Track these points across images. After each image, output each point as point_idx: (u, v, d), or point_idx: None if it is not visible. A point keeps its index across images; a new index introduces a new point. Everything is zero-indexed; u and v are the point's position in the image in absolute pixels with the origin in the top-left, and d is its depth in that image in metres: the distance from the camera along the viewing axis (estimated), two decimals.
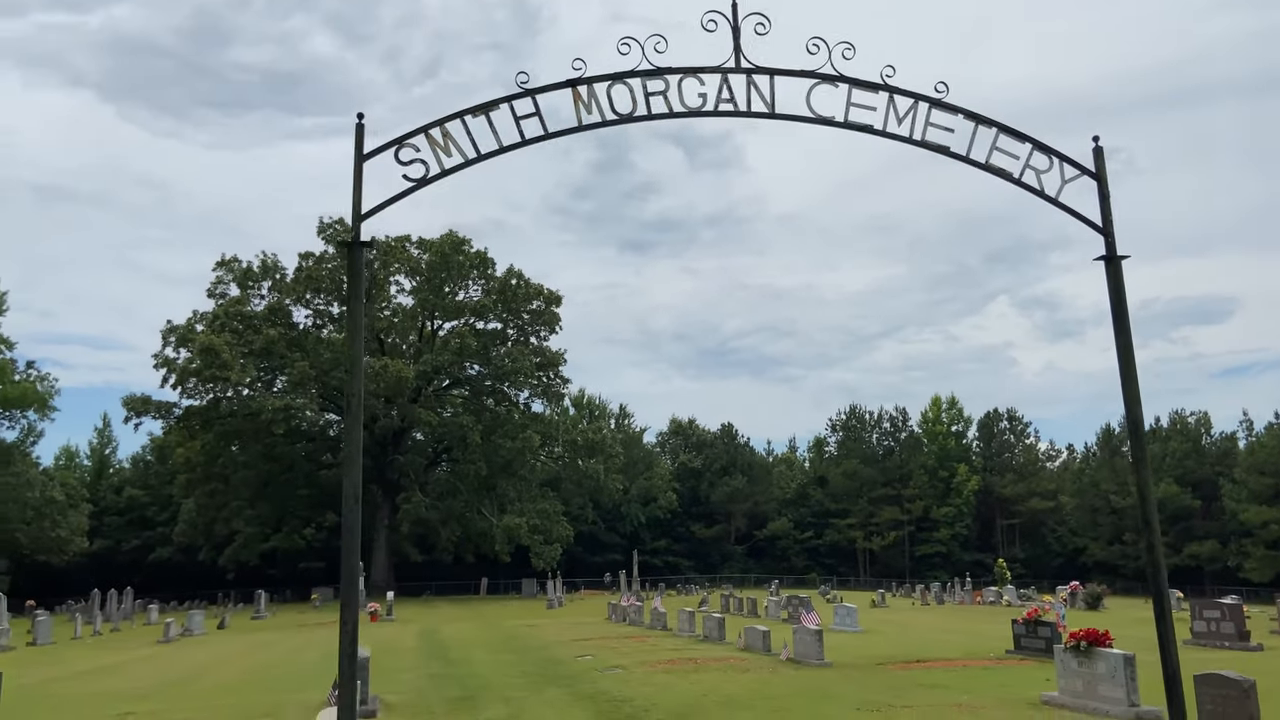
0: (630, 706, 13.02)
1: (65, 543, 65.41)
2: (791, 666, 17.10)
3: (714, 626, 22.45)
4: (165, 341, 55.67)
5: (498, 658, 20.52)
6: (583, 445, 62.23)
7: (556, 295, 61.30)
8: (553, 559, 55.34)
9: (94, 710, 13.86)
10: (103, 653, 27.15)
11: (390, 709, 13.06)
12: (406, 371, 52.42)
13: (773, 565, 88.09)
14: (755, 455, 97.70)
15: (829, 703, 13.06)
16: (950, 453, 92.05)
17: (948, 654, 19.75)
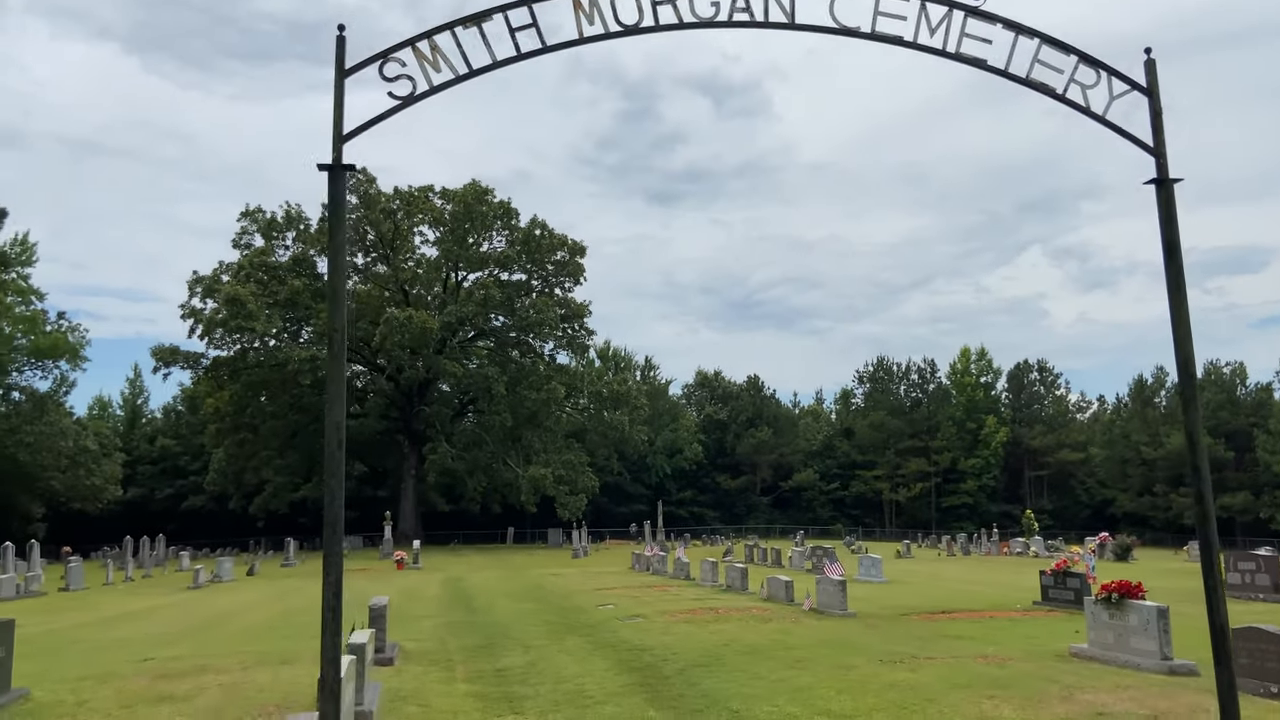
0: (650, 655, 12.87)
1: (99, 491, 66.55)
2: (814, 617, 16.91)
3: (737, 577, 22.32)
4: (192, 292, 55.97)
5: (520, 606, 20.51)
6: (608, 397, 62.18)
7: (580, 246, 60.81)
8: (578, 509, 55.58)
9: (118, 655, 13.92)
10: (133, 598, 27.55)
11: (408, 656, 13.00)
12: (431, 323, 52.35)
13: (798, 516, 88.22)
14: (781, 407, 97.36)
15: (851, 654, 12.83)
16: (979, 404, 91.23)
17: (973, 605, 19.49)
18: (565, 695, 10.34)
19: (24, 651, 15.05)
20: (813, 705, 9.57)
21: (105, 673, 11.76)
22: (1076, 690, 10.16)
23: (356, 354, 60.30)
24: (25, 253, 68.11)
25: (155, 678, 11.33)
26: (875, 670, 11.53)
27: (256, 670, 11.72)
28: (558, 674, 11.68)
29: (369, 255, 61.77)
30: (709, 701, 9.87)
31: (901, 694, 10.03)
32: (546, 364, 62.23)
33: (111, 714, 9.42)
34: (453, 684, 11.12)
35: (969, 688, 10.33)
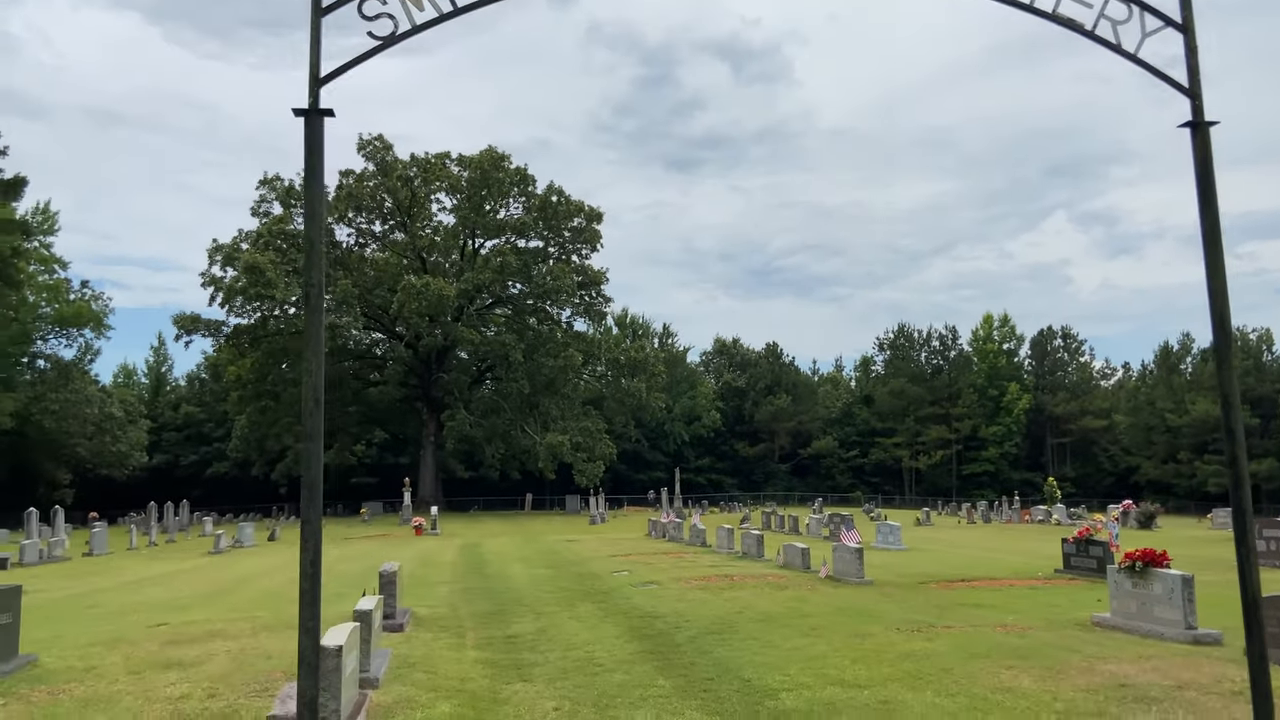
0: (662, 623, 12.74)
1: (125, 457, 67.40)
2: (830, 584, 16.73)
3: (752, 543, 22.17)
4: (212, 260, 56.14)
5: (534, 572, 20.47)
6: (625, 364, 62.08)
7: (597, 212, 60.40)
8: (595, 476, 55.69)
9: (132, 620, 13.95)
10: (154, 563, 27.79)
11: (419, 622, 12.93)
12: (448, 290, 52.27)
13: (817, 484, 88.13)
14: (800, 374, 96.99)
15: (867, 622, 12.64)
16: (1001, 371, 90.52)
17: (993, 573, 19.25)
18: (574, 663, 10.21)
19: (39, 617, 15.14)
20: (825, 674, 9.39)
21: (117, 638, 11.75)
22: (1098, 660, 9.92)
23: (375, 321, 60.42)
24: (47, 221, 68.56)
25: (165, 643, 11.30)
26: (891, 639, 11.33)
27: (267, 636, 11.68)
28: (568, 641, 11.56)
29: (386, 223, 61.68)
30: (720, 670, 9.71)
31: (917, 663, 9.83)
32: (564, 331, 62.14)
33: (118, 680, 9.37)
34: (462, 650, 11.03)
35: (987, 657, 10.11)
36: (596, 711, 8.11)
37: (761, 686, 8.92)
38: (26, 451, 64.63)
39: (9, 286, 58.80)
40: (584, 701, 8.47)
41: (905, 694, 8.56)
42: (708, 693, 8.73)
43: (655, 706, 8.24)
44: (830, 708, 8.11)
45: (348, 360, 61.70)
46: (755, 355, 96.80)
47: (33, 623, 14.35)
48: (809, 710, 8.04)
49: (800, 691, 8.70)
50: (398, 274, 56.40)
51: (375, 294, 56.91)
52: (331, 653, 6.96)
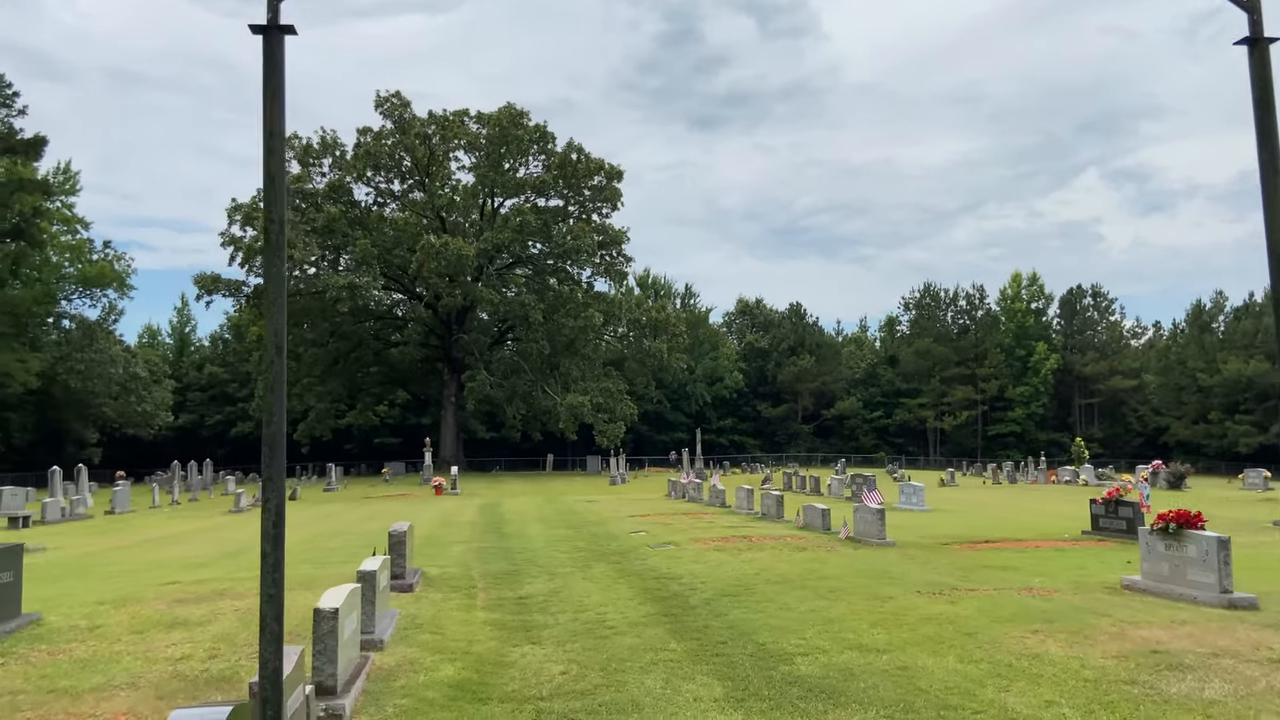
0: (677, 584, 12.46)
1: (150, 417, 68.02)
2: (851, 546, 16.41)
3: (772, 504, 21.85)
4: (231, 220, 55.98)
5: (552, 532, 20.28)
6: (646, 324, 61.60)
7: (618, 170, 59.58)
8: (616, 437, 55.52)
9: (145, 579, 13.86)
10: (175, 522, 27.94)
11: (431, 582, 12.73)
12: (468, 250, 51.85)
13: (840, 445, 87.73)
14: (824, 335, 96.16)
15: (888, 584, 12.30)
16: (1029, 330, 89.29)
17: (1019, 534, 18.84)
18: (585, 625, 9.96)
19: (53, 574, 15.13)
20: (843, 639, 9.07)
21: (126, 596, 11.62)
22: (1129, 625, 9.54)
23: (395, 282, 60.22)
24: (68, 181, 68.75)
25: (174, 602, 11.16)
26: (912, 602, 11.00)
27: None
28: (580, 603, 11.31)
29: (405, 182, 61.21)
30: (734, 633, 9.42)
31: (939, 627, 9.49)
32: (584, 291, 61.65)
33: (121, 639, 9.22)
34: (472, 611, 10.81)
35: (1013, 621, 9.76)
36: (604, 675, 7.84)
37: (776, 651, 8.63)
38: (54, 411, 65.35)
39: (32, 246, 59.14)
40: (592, 665, 8.21)
41: (926, 659, 8.23)
42: (720, 657, 8.44)
43: (665, 671, 7.96)
44: (847, 673, 7.80)
45: (368, 321, 61.64)
46: (778, 315, 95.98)
47: (45, 580, 14.34)
48: (824, 676, 7.73)
49: (816, 656, 8.39)
50: (417, 234, 56.00)
51: (394, 254, 56.60)
52: (327, 615, 6.71)
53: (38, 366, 60.07)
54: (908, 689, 7.33)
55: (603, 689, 7.46)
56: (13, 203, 57.60)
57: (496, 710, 6.93)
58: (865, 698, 7.10)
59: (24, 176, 59.51)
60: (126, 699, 7.25)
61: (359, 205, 59.91)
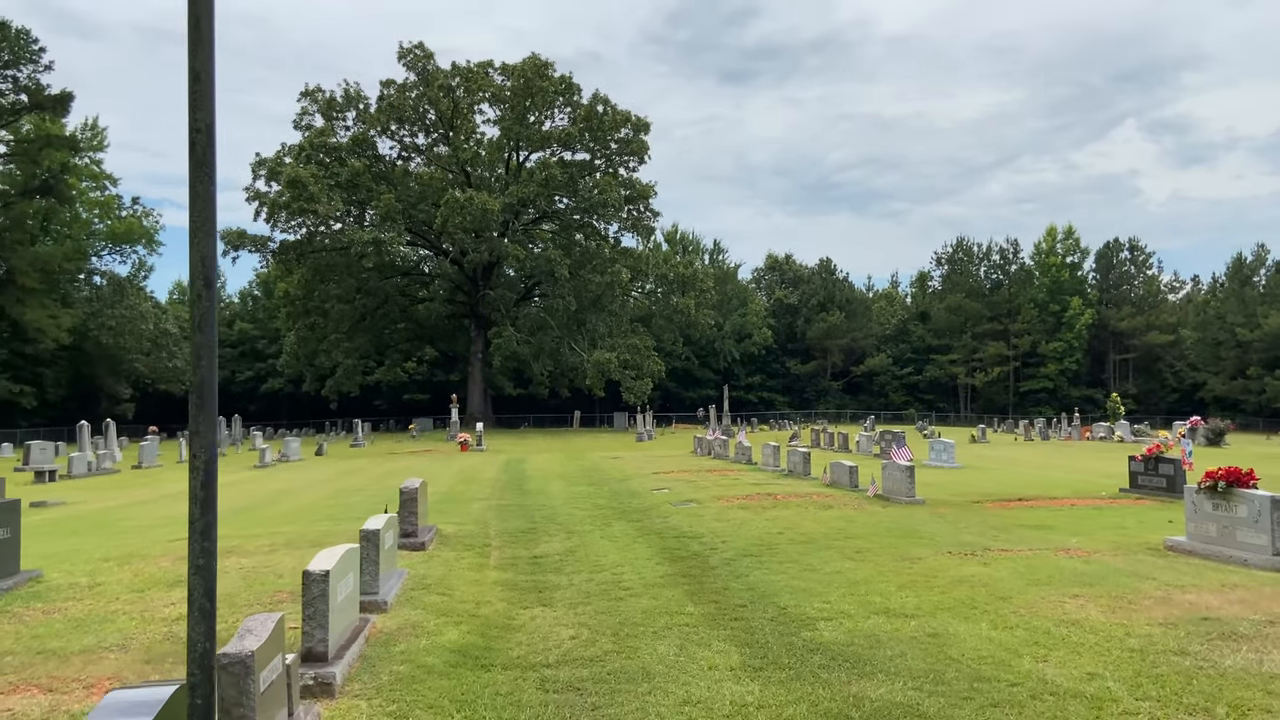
0: (697, 544, 12.03)
1: (181, 373, 68.55)
2: (879, 504, 15.89)
3: (799, 461, 21.34)
4: (255, 175, 55.77)
5: (573, 489, 19.94)
6: (674, 280, 60.87)
7: (644, 122, 58.50)
8: (643, 393, 55.12)
9: (156, 534, 13.67)
10: None
11: (445, 541, 12.39)
12: (492, 204, 51.23)
13: (870, 401, 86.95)
14: (854, 291, 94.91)
15: (916, 544, 11.79)
16: (1063, 285, 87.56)
17: (1054, 492, 18.21)
18: (599, 586, 9.55)
19: (66, 529, 14.99)
20: (869, 602, 8.59)
21: (132, 553, 11.39)
22: (1175, 589, 8.97)
23: (420, 237, 59.84)
24: (96, 137, 68.79)
25: (179, 559, 10.88)
26: (942, 563, 10.48)
27: (283, 553, 11.22)
28: (596, 562, 10.91)
29: (430, 135, 60.54)
30: (755, 595, 8.97)
31: (971, 590, 8.98)
32: (611, 247, 60.95)
33: (119, 598, 8.94)
34: (484, 571, 10.44)
35: (1049, 585, 9.22)
36: (615, 641, 7.43)
37: (798, 615, 8.17)
38: (87, 366, 66.08)
39: (60, 202, 59.30)
40: (603, 630, 7.79)
41: (957, 625, 7.74)
42: (739, 621, 7.99)
43: (679, 636, 7.53)
44: (873, 640, 7.33)
45: (395, 277, 61.40)
46: (808, 271, 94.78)
47: (58, 534, 14.21)
48: (848, 643, 7.26)
49: (840, 621, 7.92)
50: (442, 188, 55.45)
51: (419, 209, 56.15)
52: (316, 578, 6.32)
53: (69, 322, 60.62)
54: (938, 658, 6.85)
55: (613, 655, 7.05)
56: (41, 158, 57.76)
57: (499, 678, 6.53)
58: (892, 667, 6.63)
59: (51, 132, 59.57)
60: (114, 662, 6.94)
61: (383, 159, 59.41)
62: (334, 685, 6.03)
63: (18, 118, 59.15)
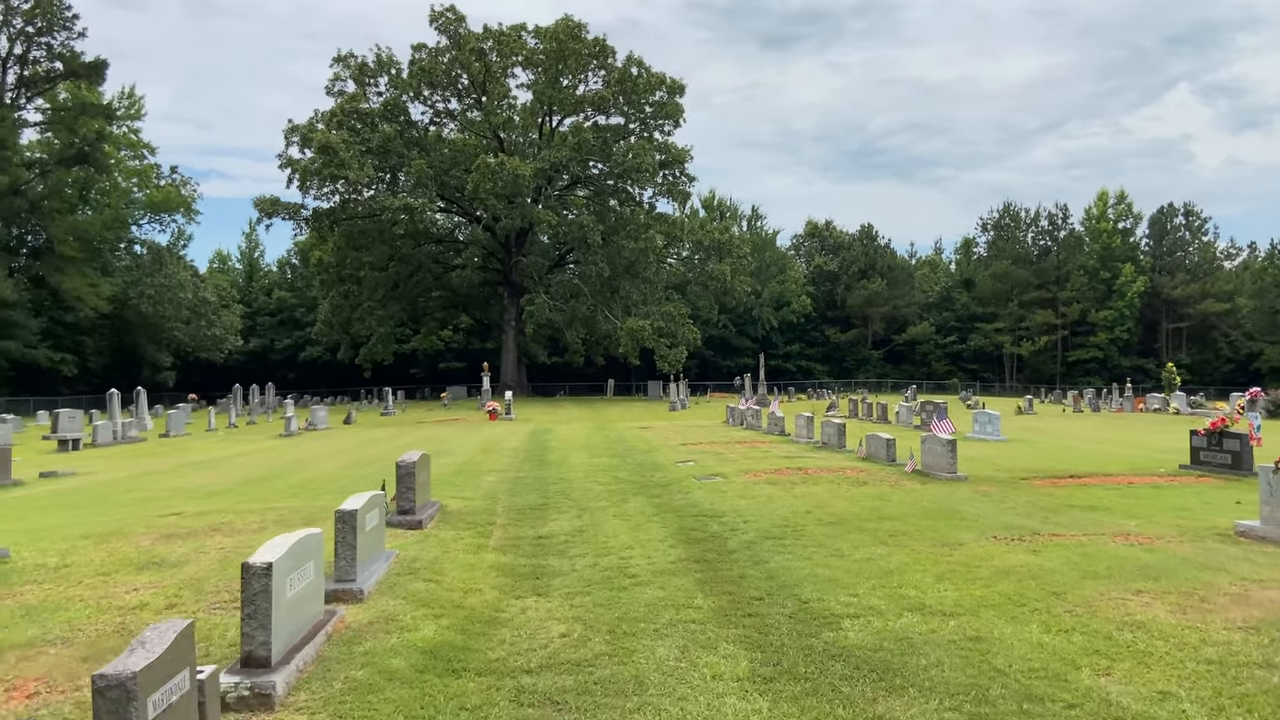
0: (717, 524, 11.12)
1: (220, 341, 68.89)
2: (917, 480, 14.84)
3: (833, 433, 20.29)
4: (289, 141, 55.29)
5: (595, 460, 19.11)
6: (710, 246, 59.53)
7: (679, 84, 57.00)
8: (678, 362, 54.09)
9: (150, 508, 13.08)
10: (223, 446, 27.59)
11: (448, 518, 11.61)
12: (524, 169, 50.22)
13: (911, 371, 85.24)
14: (896, 258, 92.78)
15: (957, 526, 10.78)
16: (1115, 252, 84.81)
17: (1107, 469, 17.00)
18: (603, 573, 8.69)
19: (65, 502, 14.46)
20: (902, 596, 7.63)
21: (115, 530, 10.74)
22: (1254, 585, 7.89)
23: (453, 204, 59.11)
24: (133, 105, 68.78)
25: (162, 537, 10.22)
26: (986, 549, 9.47)
27: (273, 531, 10.46)
28: (604, 544, 10.06)
29: (463, 101, 59.59)
30: (774, 586, 8.05)
31: (1019, 584, 7.97)
32: (645, 212, 59.76)
33: (83, 581, 8.26)
34: (481, 553, 9.63)
35: (1108, 577, 8.19)
36: (610, 641, 6.56)
37: (821, 611, 7.24)
38: (129, 335, 66.57)
39: (97, 170, 59.37)
40: (599, 626, 6.94)
41: (1003, 627, 6.76)
42: (753, 618, 7.09)
43: (683, 636, 6.65)
44: (905, 644, 6.39)
45: (428, 244, 60.82)
46: (849, 238, 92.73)
47: (52, 508, 13.67)
48: (876, 647, 6.33)
49: (868, 619, 6.98)
50: (474, 154, 54.56)
51: (451, 175, 55.34)
52: (257, 572, 5.50)
53: (109, 291, 60.93)
54: (981, 669, 5.89)
55: (604, 659, 6.18)
56: (78, 126, 57.77)
57: (469, 687, 5.69)
58: (926, 680, 5.69)
59: (88, 100, 59.58)
60: (50, 659, 6.21)
61: (415, 125, 58.63)
62: (273, 697, 5.22)
63: (53, 85, 59.23)
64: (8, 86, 56.63)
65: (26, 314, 57.27)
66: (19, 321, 55.79)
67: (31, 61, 57.11)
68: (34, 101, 59.79)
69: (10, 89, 56.91)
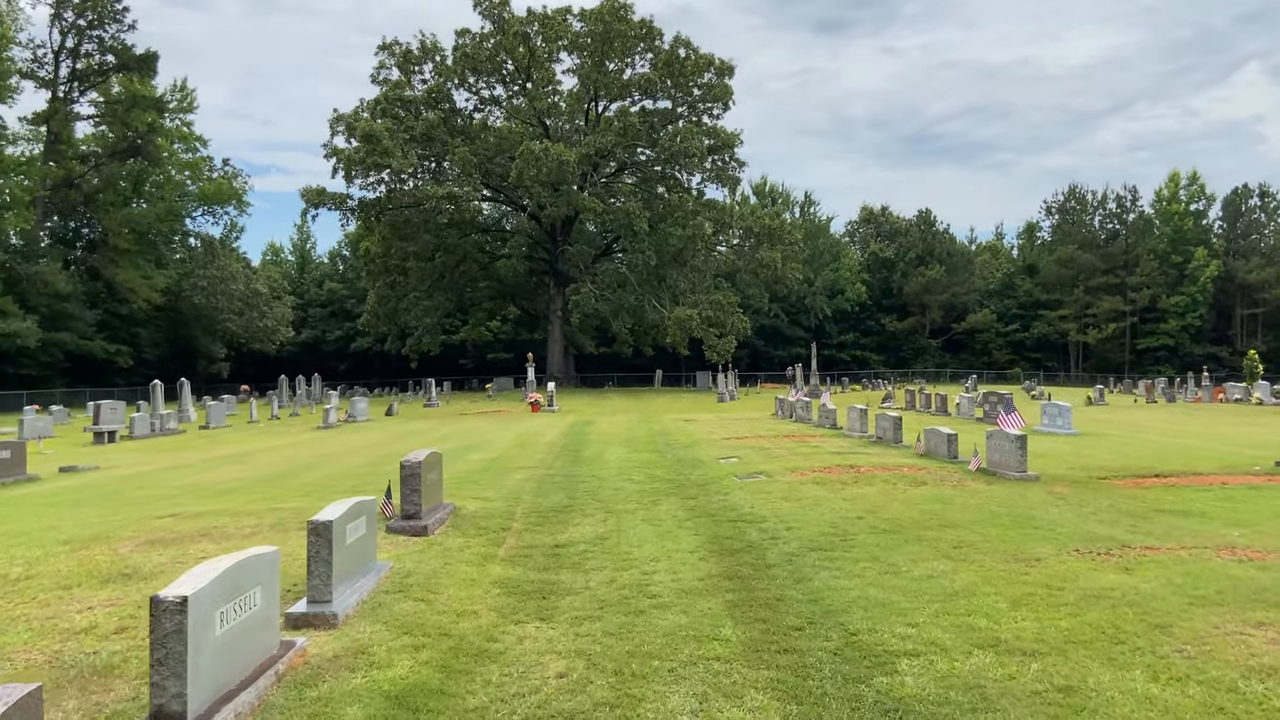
0: (756, 531, 9.92)
1: (271, 332, 69.23)
2: (982, 480, 13.46)
3: (889, 426, 18.89)
4: (333, 130, 54.96)
5: (632, 456, 17.98)
6: (760, 233, 57.89)
7: (728, 65, 55.44)
8: (728, 352, 52.68)
9: (150, 507, 12.28)
10: (259, 438, 27.04)
11: (460, 522, 10.57)
12: (569, 155, 49.16)
13: (971, 360, 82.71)
14: (955, 243, 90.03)
15: (1031, 537, 9.44)
16: (1186, 235, 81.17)
17: (1195, 466, 15.39)
18: (620, 592, 7.56)
19: (72, 499, 13.73)
20: (971, 628, 6.37)
21: (99, 534, 9.90)
22: None
23: (498, 192, 58.35)
24: (185, 98, 69.23)
25: (145, 543, 9.34)
26: (1069, 566, 8.14)
27: (266, 536, 9.55)
28: (626, 555, 8.92)
29: (508, 88, 58.74)
30: (817, 611, 6.85)
31: (1113, 612, 6.66)
32: (694, 199, 58.39)
33: (38, 596, 7.38)
34: (487, 566, 8.55)
35: (1219, 604, 6.84)
36: (614, 685, 5.44)
37: (872, 646, 6.03)
38: (184, 327, 67.18)
39: (150, 162, 59.76)
40: (605, 663, 5.81)
41: (1099, 672, 5.49)
42: (790, 654, 5.91)
43: (703, 679, 5.50)
44: (977, 695, 5.16)
45: (473, 233, 60.18)
46: (905, 224, 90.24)
47: (56, 505, 12.94)
48: (941, 700, 5.11)
49: (930, 659, 5.75)
50: (519, 142, 53.72)
51: (496, 162, 54.56)
52: (169, 608, 4.47)
53: (162, 283, 61.42)
54: None
55: (604, 711, 5.06)
56: (130, 119, 58.20)
57: None
58: None
59: (139, 92, 59.99)
60: None
61: (460, 112, 57.91)
62: None
63: (106, 78, 59.74)
64: (60, 80, 57.21)
65: (82, 306, 57.91)
66: (74, 314, 56.42)
67: (83, 55, 57.63)
68: (87, 95, 60.40)
69: (63, 82, 57.51)
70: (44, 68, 57.31)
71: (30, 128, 57.09)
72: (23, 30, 56.15)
